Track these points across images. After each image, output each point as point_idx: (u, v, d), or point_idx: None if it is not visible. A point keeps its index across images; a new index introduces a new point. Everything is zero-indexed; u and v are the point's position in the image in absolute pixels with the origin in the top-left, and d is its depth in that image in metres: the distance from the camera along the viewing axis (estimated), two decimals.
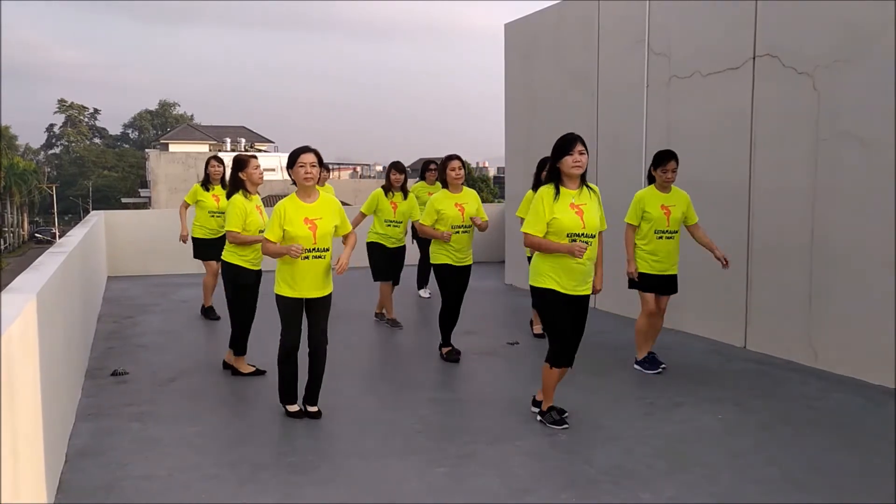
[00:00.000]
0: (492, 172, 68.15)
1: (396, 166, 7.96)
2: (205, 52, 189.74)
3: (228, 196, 5.96)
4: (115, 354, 6.80)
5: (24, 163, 74.21)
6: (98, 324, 8.15)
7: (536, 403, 5.09)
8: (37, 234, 75.90)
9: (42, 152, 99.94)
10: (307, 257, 4.76)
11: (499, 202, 19.44)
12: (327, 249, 4.83)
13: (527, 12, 10.63)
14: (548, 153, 4.89)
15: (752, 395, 5.52)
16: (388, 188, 7.86)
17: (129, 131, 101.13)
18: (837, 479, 4.05)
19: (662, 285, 6.04)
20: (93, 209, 43.35)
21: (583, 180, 4.74)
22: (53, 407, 3.95)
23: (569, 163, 4.59)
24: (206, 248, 8.02)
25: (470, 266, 6.41)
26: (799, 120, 6.33)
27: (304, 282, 4.81)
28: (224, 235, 6.13)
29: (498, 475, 4.10)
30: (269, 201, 25.21)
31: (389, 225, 7.81)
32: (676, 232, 5.99)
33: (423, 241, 9.56)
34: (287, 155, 4.93)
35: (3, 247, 63.45)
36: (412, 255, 9.84)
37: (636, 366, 6.17)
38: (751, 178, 6.83)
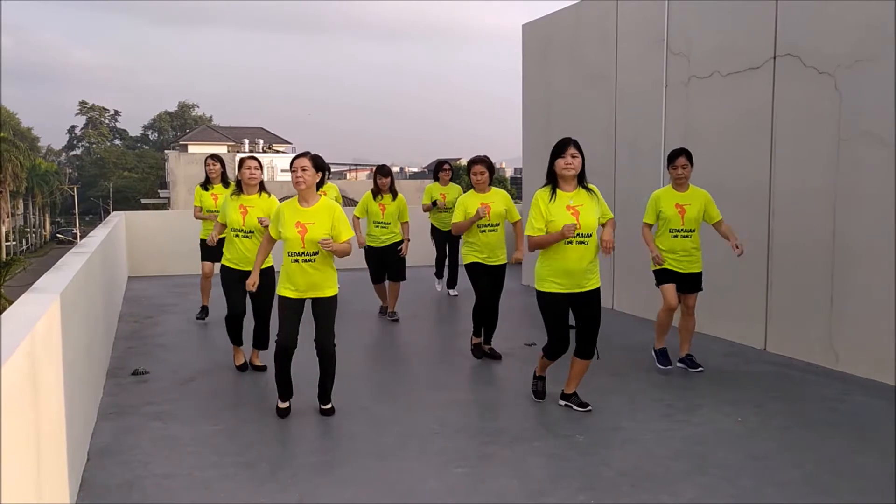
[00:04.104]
0: (509, 173, 68.06)
1: (382, 170, 8.25)
2: (223, 55, 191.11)
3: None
4: (136, 354, 6.87)
5: (46, 164, 75.11)
6: (119, 323, 8.23)
7: (565, 396, 5.23)
8: (58, 235, 76.83)
9: (64, 154, 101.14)
10: (296, 261, 4.88)
11: (516, 202, 19.41)
12: (317, 253, 4.87)
13: (545, 13, 10.62)
14: None
15: (773, 398, 5.48)
16: (376, 191, 8.13)
17: (149, 133, 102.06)
18: (859, 481, 4.00)
19: (685, 283, 6.03)
20: (113, 210, 43.78)
21: (581, 181, 4.84)
22: (76, 405, 3.99)
23: (561, 165, 4.77)
24: (210, 249, 7.73)
25: (503, 266, 6.37)
26: (820, 120, 6.27)
27: (299, 283, 4.93)
28: (224, 238, 6.30)
29: (516, 476, 4.09)
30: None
31: (378, 226, 8.13)
32: (693, 231, 5.97)
33: (439, 239, 9.55)
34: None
35: (25, 247, 64.23)
36: (430, 252, 9.87)
37: (653, 353, 6.28)
38: (771, 178, 6.78)
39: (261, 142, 60.01)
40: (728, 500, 3.78)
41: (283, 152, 59.40)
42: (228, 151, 50.32)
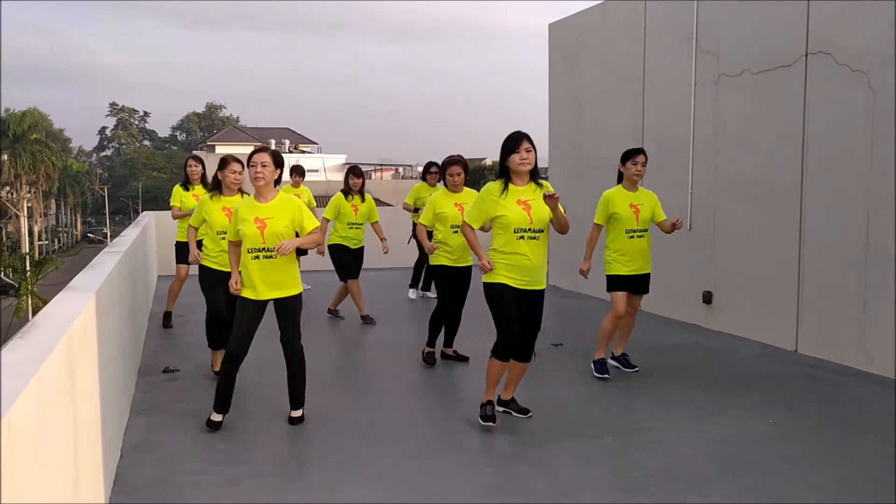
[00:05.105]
0: None
1: (354, 171, 8.28)
2: (250, 55, 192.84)
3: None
4: (166, 352, 6.96)
5: (78, 165, 76.36)
6: (149, 322, 8.35)
7: (503, 402, 5.10)
8: (89, 234, 78.05)
9: (94, 154, 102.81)
10: (257, 257, 4.69)
11: None
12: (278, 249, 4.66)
13: (570, 12, 10.58)
14: (593, 152, 4.91)
15: (805, 400, 5.41)
16: (346, 192, 8.13)
17: (178, 133, 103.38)
18: (894, 485, 3.94)
19: (636, 285, 5.96)
20: (142, 210, 44.39)
21: (533, 177, 4.76)
22: (110, 402, 4.06)
23: (516, 161, 4.65)
24: (186, 252, 7.55)
25: (469, 267, 6.31)
26: (853, 119, 6.17)
27: (258, 283, 4.72)
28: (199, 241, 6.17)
29: (544, 476, 4.09)
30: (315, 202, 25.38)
31: (351, 227, 8.12)
32: (646, 231, 5.92)
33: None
34: (329, 156, 4.96)
35: (57, 246, 65.40)
36: (410, 256, 9.81)
37: (592, 365, 6.08)
38: (803, 177, 6.69)
39: (287, 142, 60.43)
40: (759, 503, 3.74)
41: (309, 152, 59.79)
42: None
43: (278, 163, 4.81)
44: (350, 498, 3.85)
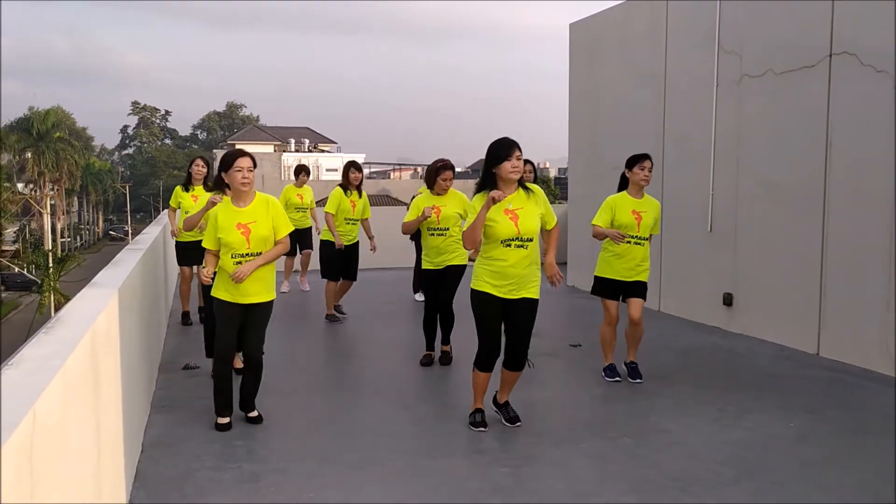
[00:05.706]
0: (553, 173, 67.58)
1: (355, 165, 8.14)
2: (270, 56, 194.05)
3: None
4: (186, 349, 7.01)
5: (100, 163, 77.25)
6: (169, 319, 8.42)
7: (496, 403, 5.02)
8: (111, 232, 79.06)
9: (116, 153, 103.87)
10: (240, 262, 4.67)
11: (559, 203, 19.27)
12: (261, 254, 4.71)
13: (591, 12, 10.54)
14: (613, 153, 4.86)
15: (826, 404, 5.35)
16: (346, 186, 7.97)
17: (198, 132, 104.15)
18: None
19: (630, 291, 5.81)
20: (163, 208, 44.86)
21: (520, 183, 4.65)
22: (132, 398, 4.11)
23: (507, 168, 4.50)
24: (187, 253, 7.62)
25: (455, 266, 6.25)
26: (877, 119, 6.10)
27: (239, 287, 4.71)
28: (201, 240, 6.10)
29: (561, 477, 4.08)
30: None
31: (348, 223, 7.96)
32: (647, 239, 5.78)
33: (419, 243, 9.35)
34: (348, 155, 4.91)
35: (79, 243, 66.14)
36: (409, 258, 9.79)
37: (602, 372, 6.00)
38: (826, 179, 6.62)
39: (306, 141, 60.68)
40: None
41: (328, 152, 60.01)
42: (275, 151, 51.03)
43: (255, 166, 4.82)
44: (367, 496, 3.86)
